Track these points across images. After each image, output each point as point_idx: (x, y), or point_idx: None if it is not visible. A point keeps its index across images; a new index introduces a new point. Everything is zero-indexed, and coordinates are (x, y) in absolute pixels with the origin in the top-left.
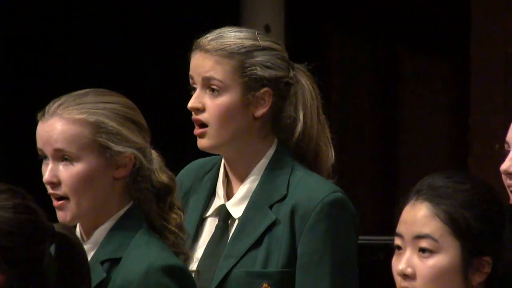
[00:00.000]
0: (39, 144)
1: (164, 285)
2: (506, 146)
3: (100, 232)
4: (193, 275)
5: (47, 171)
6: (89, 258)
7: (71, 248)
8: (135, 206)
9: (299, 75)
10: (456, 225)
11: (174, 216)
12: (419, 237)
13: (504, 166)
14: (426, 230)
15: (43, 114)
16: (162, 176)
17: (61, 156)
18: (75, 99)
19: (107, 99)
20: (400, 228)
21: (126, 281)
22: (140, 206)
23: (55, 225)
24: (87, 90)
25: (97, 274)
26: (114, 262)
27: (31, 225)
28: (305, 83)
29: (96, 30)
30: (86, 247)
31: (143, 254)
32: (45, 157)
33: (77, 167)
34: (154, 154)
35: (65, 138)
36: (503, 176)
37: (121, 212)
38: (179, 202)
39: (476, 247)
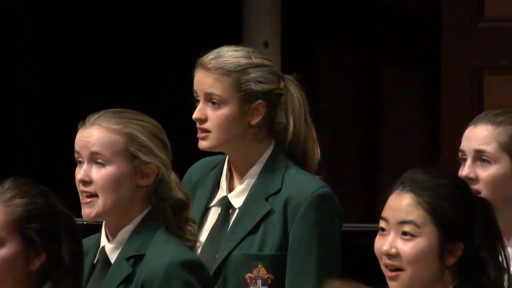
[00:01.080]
0: (77, 147)
1: (183, 277)
2: (460, 154)
3: (124, 233)
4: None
5: (82, 171)
6: (115, 256)
7: (72, 223)
8: (154, 210)
9: (289, 84)
10: (436, 214)
11: (189, 228)
12: (403, 222)
13: (463, 173)
14: (410, 216)
15: (84, 124)
16: (179, 193)
17: (95, 159)
18: (113, 114)
19: (139, 118)
20: (386, 213)
21: (150, 274)
22: (157, 213)
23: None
24: (122, 109)
25: (124, 269)
26: (138, 258)
27: (53, 206)
28: (294, 92)
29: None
30: (111, 246)
31: (164, 251)
32: (80, 161)
33: (108, 169)
34: (172, 174)
35: (101, 143)
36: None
37: (142, 215)
38: (193, 217)
39: (451, 234)
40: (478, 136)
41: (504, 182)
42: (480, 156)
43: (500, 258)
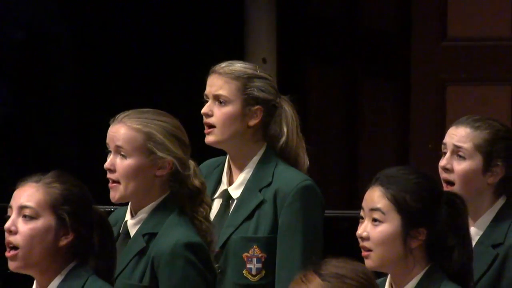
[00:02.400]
0: (107, 140)
1: (186, 257)
2: (443, 147)
3: (143, 212)
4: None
5: (108, 160)
6: (134, 231)
7: (103, 219)
8: (170, 197)
9: (283, 103)
10: (398, 203)
11: (202, 210)
12: (372, 209)
13: (442, 163)
14: (377, 205)
15: (113, 121)
16: (195, 181)
17: (120, 151)
18: (137, 114)
19: (160, 118)
20: (363, 203)
21: (159, 251)
22: (174, 198)
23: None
24: (149, 109)
25: (139, 243)
26: (152, 235)
27: (88, 198)
28: (287, 109)
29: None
30: (132, 221)
31: (173, 232)
32: (109, 151)
33: (129, 161)
34: (192, 164)
35: (124, 139)
36: (440, 170)
37: (160, 199)
38: (209, 200)
39: (412, 220)
40: (458, 134)
41: (474, 176)
42: (457, 151)
43: (466, 245)
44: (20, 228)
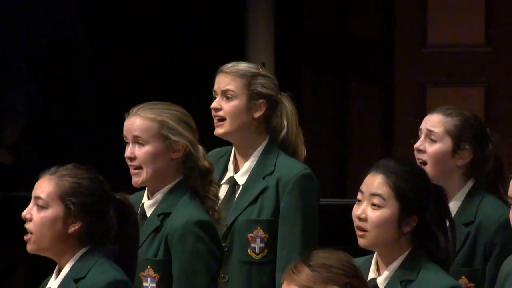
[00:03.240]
0: (124, 132)
1: (196, 233)
2: (419, 132)
3: (159, 195)
4: (217, 218)
5: (128, 150)
6: (151, 211)
7: (124, 209)
8: (183, 179)
9: (284, 99)
10: (398, 192)
11: (212, 188)
12: (373, 194)
13: (416, 145)
14: (379, 191)
15: (128, 114)
16: (205, 162)
17: (137, 141)
18: (150, 106)
19: (170, 108)
20: (363, 187)
21: (172, 229)
22: (187, 180)
23: (116, 194)
24: (158, 102)
25: (155, 223)
26: (166, 215)
27: (101, 190)
28: (287, 105)
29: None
30: (149, 203)
31: (185, 211)
32: (127, 142)
33: (147, 148)
34: (200, 147)
35: (141, 129)
36: (415, 152)
37: (174, 182)
38: (216, 180)
39: (408, 208)
40: (432, 120)
41: (444, 158)
42: (429, 135)
43: (449, 232)
44: (34, 216)
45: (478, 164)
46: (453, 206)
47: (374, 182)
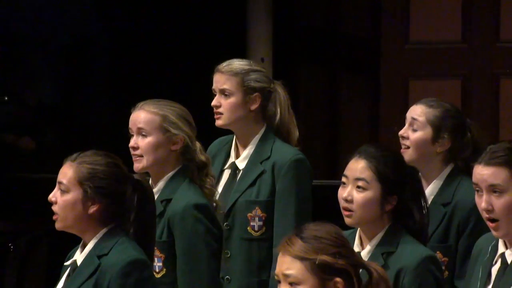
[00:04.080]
0: (130, 124)
1: (194, 215)
2: (406, 120)
3: (161, 183)
4: (214, 205)
5: (132, 140)
6: (155, 198)
7: (143, 188)
8: (182, 168)
9: (277, 87)
10: (380, 175)
11: (209, 180)
12: (358, 179)
13: (400, 132)
14: (363, 175)
15: (134, 108)
16: (201, 156)
17: (141, 132)
18: (153, 102)
19: (172, 104)
20: (347, 172)
21: (173, 212)
22: (185, 170)
23: (134, 175)
24: (161, 99)
25: (158, 208)
26: (168, 201)
27: (117, 173)
28: (280, 91)
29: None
30: (154, 190)
31: (184, 196)
32: (132, 134)
33: (149, 139)
34: (197, 143)
35: (144, 121)
36: (400, 138)
37: (174, 171)
38: (213, 172)
39: (389, 189)
40: (416, 110)
41: (425, 144)
42: (413, 124)
43: (423, 208)
44: (58, 199)
45: (457, 151)
46: (433, 188)
47: (358, 167)
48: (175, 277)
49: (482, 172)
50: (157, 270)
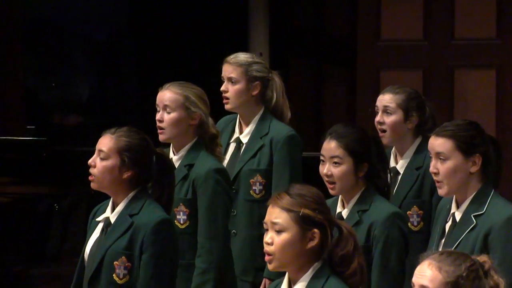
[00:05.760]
0: (157, 102)
1: (216, 178)
2: (376, 108)
3: (182, 151)
4: None
5: (158, 115)
6: (178, 163)
7: (164, 160)
8: (199, 139)
9: (274, 75)
10: (350, 151)
11: (218, 149)
12: (333, 157)
13: (376, 119)
14: (336, 153)
15: (161, 88)
16: (213, 130)
17: (166, 109)
18: (177, 84)
19: (192, 87)
20: (323, 151)
21: (198, 175)
22: (200, 142)
23: (157, 149)
24: (184, 82)
25: (183, 172)
26: (191, 166)
27: (146, 146)
28: (277, 80)
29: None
30: (175, 158)
31: (206, 162)
32: (159, 110)
33: (172, 115)
34: (210, 119)
35: (169, 100)
36: (376, 124)
37: (192, 142)
38: (221, 142)
39: (360, 159)
40: (385, 98)
41: (399, 125)
42: (385, 110)
43: (387, 168)
44: (97, 164)
45: (423, 124)
46: (407, 157)
47: (331, 147)
48: (196, 228)
49: (432, 141)
50: (181, 222)
